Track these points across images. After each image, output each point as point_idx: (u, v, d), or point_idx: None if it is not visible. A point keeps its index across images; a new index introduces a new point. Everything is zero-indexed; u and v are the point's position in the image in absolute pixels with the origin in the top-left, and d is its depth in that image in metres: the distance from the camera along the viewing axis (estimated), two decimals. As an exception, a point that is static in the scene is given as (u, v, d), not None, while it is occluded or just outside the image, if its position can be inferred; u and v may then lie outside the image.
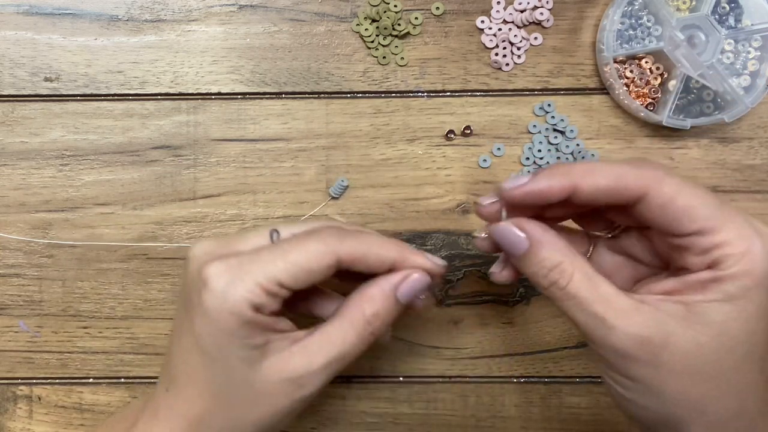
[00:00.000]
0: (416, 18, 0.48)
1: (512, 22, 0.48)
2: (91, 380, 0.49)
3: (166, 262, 0.48)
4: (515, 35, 0.47)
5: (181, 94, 0.48)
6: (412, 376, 0.49)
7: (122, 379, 0.49)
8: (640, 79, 0.46)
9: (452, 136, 0.48)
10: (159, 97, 0.48)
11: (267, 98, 0.48)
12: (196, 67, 0.48)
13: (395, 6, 0.47)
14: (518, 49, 0.48)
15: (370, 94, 0.48)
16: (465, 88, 0.48)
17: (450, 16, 0.48)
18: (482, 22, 0.48)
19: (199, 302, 0.35)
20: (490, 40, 0.48)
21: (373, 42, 0.47)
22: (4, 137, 0.48)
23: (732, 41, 0.46)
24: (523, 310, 0.49)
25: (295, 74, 0.48)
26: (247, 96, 0.48)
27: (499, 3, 0.48)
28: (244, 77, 0.48)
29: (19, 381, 0.49)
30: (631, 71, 0.46)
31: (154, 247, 0.48)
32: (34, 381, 0.49)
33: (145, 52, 0.48)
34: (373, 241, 0.37)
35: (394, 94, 0.48)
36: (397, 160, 0.48)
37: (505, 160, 0.48)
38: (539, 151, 0.48)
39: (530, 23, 0.48)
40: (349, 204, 0.48)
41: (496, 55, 0.48)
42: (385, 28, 0.47)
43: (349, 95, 0.48)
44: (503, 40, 0.48)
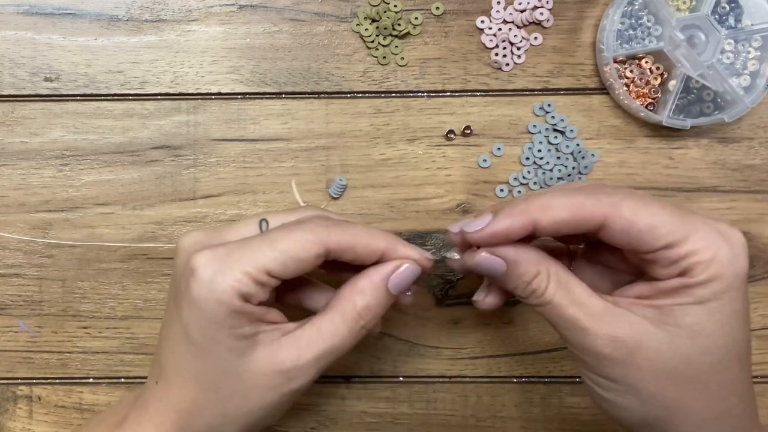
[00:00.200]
0: (416, 18, 0.48)
1: (512, 22, 0.48)
2: (91, 380, 0.49)
3: (166, 262, 0.48)
4: (515, 35, 0.47)
5: (181, 94, 0.48)
6: (412, 376, 0.49)
7: (122, 379, 0.49)
8: (640, 79, 0.46)
9: (452, 136, 0.48)
10: (159, 97, 0.48)
11: (267, 98, 0.48)
12: (196, 67, 0.48)
13: (395, 6, 0.47)
14: (518, 49, 0.48)
15: (370, 94, 0.48)
16: (465, 88, 0.48)
17: (450, 16, 0.48)
18: (482, 22, 0.48)
19: (187, 292, 0.35)
20: (490, 40, 0.48)
21: (373, 42, 0.47)
22: (4, 137, 0.48)
23: (732, 41, 0.46)
24: (523, 310, 0.49)
25: (295, 74, 0.48)
26: (247, 96, 0.48)
27: (499, 3, 0.48)
28: (244, 77, 0.48)
29: (19, 381, 0.49)
30: (631, 71, 0.46)
31: (154, 247, 0.48)
32: (34, 381, 0.49)
33: (145, 52, 0.48)
34: (362, 232, 0.37)
35: (394, 94, 0.48)
36: (397, 160, 0.48)
37: (505, 160, 0.48)
38: (539, 151, 0.48)
39: (530, 23, 0.48)
40: (349, 204, 0.48)
41: (496, 55, 0.48)
42: (385, 28, 0.47)
43: (349, 95, 0.48)
44: (503, 40, 0.48)
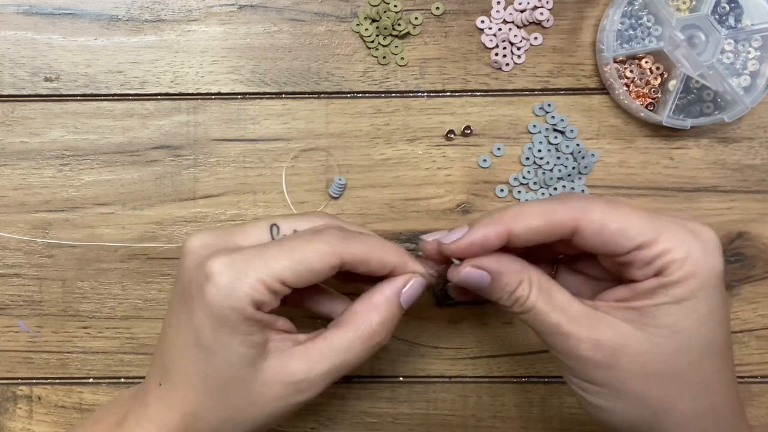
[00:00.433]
0: (416, 18, 0.48)
1: (512, 22, 0.48)
2: (91, 380, 0.49)
3: (166, 262, 0.48)
4: (515, 35, 0.47)
5: (181, 94, 0.48)
6: (412, 376, 0.49)
7: (122, 379, 0.49)
8: (640, 79, 0.46)
9: (452, 136, 0.48)
10: (159, 97, 0.48)
11: (267, 98, 0.48)
12: (196, 67, 0.48)
13: (395, 6, 0.47)
14: (518, 49, 0.48)
15: (370, 94, 0.48)
16: (465, 88, 0.48)
17: (450, 16, 0.48)
18: (482, 22, 0.48)
19: (200, 296, 0.35)
20: (490, 40, 0.48)
21: (373, 42, 0.47)
22: (4, 137, 0.48)
23: (732, 41, 0.46)
24: (523, 310, 0.49)
25: (295, 74, 0.48)
26: (247, 96, 0.48)
27: (499, 3, 0.48)
28: (244, 77, 0.48)
29: (19, 381, 0.49)
30: (631, 71, 0.46)
31: (154, 247, 0.48)
32: (34, 381, 0.49)
33: (145, 52, 0.48)
34: (376, 245, 0.38)
35: (394, 94, 0.48)
36: (397, 160, 0.48)
37: (505, 160, 0.48)
38: (539, 151, 0.48)
39: (530, 23, 0.48)
40: (349, 204, 0.48)
41: (496, 55, 0.48)
42: (385, 28, 0.47)
43: (349, 95, 0.48)
44: (503, 40, 0.48)
